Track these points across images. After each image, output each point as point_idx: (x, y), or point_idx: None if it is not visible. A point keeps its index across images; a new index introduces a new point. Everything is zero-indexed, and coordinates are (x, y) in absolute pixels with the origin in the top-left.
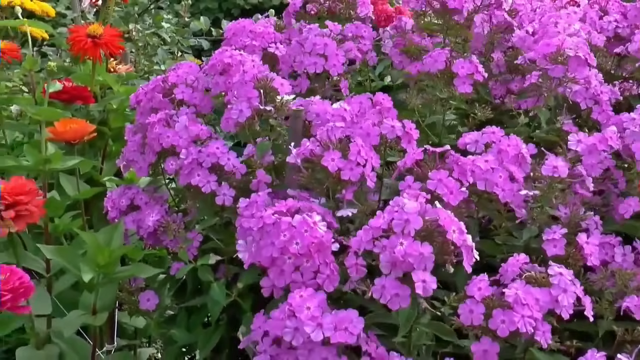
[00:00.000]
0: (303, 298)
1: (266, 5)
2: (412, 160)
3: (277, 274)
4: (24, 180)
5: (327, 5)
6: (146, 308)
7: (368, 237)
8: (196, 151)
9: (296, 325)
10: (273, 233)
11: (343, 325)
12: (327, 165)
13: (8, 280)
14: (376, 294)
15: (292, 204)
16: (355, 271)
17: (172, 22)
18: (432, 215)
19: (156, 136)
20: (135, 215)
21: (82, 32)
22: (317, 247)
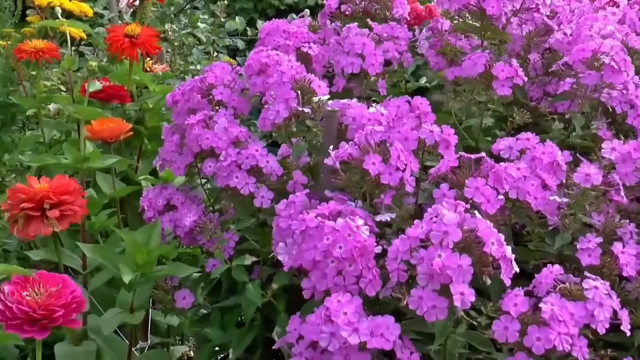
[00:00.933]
0: (340, 303)
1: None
2: (447, 167)
3: (319, 277)
4: (67, 179)
5: (362, 6)
6: (181, 306)
7: (405, 247)
8: (235, 153)
9: (332, 331)
10: (316, 236)
11: (379, 331)
12: (368, 169)
13: (60, 293)
14: (412, 305)
15: (333, 207)
16: (397, 276)
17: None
18: (471, 225)
19: (195, 137)
20: (172, 214)
21: (119, 32)
22: (360, 251)
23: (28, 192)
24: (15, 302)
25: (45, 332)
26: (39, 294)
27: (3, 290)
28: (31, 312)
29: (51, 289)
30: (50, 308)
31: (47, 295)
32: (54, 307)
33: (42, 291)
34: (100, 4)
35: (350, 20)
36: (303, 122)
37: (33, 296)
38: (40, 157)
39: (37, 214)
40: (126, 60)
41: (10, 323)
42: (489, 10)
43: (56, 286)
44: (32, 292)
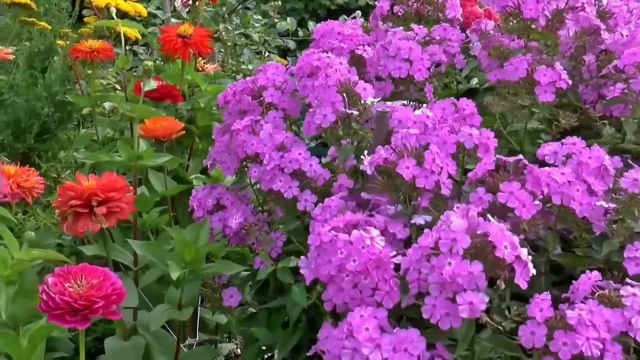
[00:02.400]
0: (363, 318)
1: (352, 6)
2: (483, 170)
3: (336, 291)
4: (115, 176)
5: (414, 8)
6: (229, 305)
7: (417, 256)
8: (278, 157)
9: (355, 346)
10: (330, 251)
11: (403, 346)
12: (401, 173)
13: (101, 285)
14: (426, 314)
15: (350, 218)
16: (417, 286)
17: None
18: (485, 229)
19: (240, 143)
20: (221, 214)
21: (172, 32)
22: (375, 263)
23: (77, 189)
24: (58, 293)
25: (86, 323)
26: (81, 286)
27: (47, 282)
28: (72, 303)
29: (92, 281)
30: (91, 299)
31: (88, 287)
32: (95, 298)
33: (83, 283)
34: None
35: (402, 22)
36: (349, 125)
37: (75, 287)
38: (94, 155)
39: (85, 210)
40: (179, 60)
41: (53, 313)
42: (527, 13)
43: (97, 278)
44: (74, 284)
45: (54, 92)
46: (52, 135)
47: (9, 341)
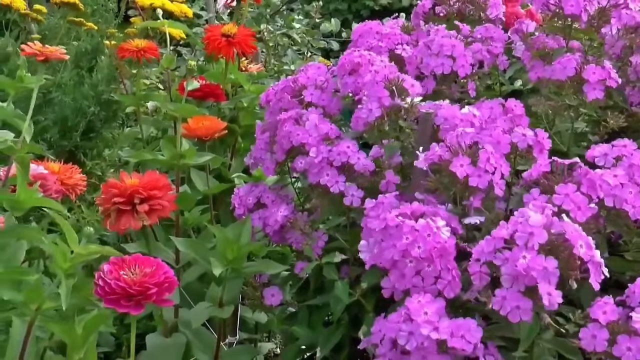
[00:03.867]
0: (421, 303)
1: (395, 7)
2: (539, 172)
3: (398, 277)
4: (157, 175)
5: (456, 7)
6: (270, 303)
7: (490, 248)
8: (326, 150)
9: (411, 329)
10: (395, 235)
11: (460, 332)
12: (455, 171)
13: (154, 273)
14: (496, 306)
15: (416, 208)
16: (478, 279)
17: (303, 23)
18: (558, 229)
19: (286, 134)
20: (262, 212)
21: (217, 31)
22: (440, 252)
23: (119, 187)
24: (114, 279)
25: (139, 308)
26: (135, 274)
27: (102, 269)
28: (127, 288)
29: (146, 269)
30: (145, 285)
31: (142, 274)
32: (148, 285)
33: (137, 271)
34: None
35: (444, 21)
36: (396, 122)
37: (129, 275)
38: (138, 153)
39: (127, 208)
40: (222, 60)
41: (108, 298)
42: (568, 9)
43: (150, 267)
44: (129, 272)
45: (99, 91)
46: (97, 134)
47: (66, 329)
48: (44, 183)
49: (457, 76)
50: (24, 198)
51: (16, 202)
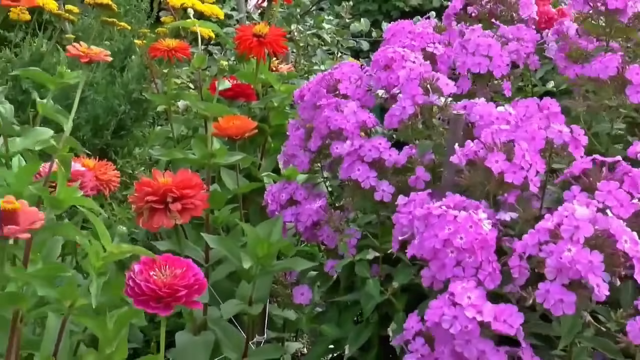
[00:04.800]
0: (465, 288)
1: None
2: (580, 168)
3: (439, 267)
4: (190, 174)
5: (488, 8)
6: (299, 302)
7: (534, 241)
8: (358, 143)
9: (455, 314)
10: (437, 225)
11: (502, 317)
12: (490, 167)
13: (184, 275)
14: (539, 298)
15: (459, 200)
16: (518, 273)
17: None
18: (603, 225)
19: (324, 119)
20: (295, 209)
21: (248, 31)
22: (481, 243)
23: (153, 185)
24: (143, 280)
25: (168, 310)
26: (165, 275)
27: (133, 269)
28: (157, 290)
29: (176, 270)
30: (175, 287)
31: (172, 276)
32: (178, 287)
33: (167, 272)
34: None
35: (475, 22)
36: (429, 120)
37: (159, 276)
38: (169, 152)
39: (160, 206)
40: (253, 60)
41: (138, 299)
42: (611, 3)
43: (181, 269)
44: (159, 273)
45: (130, 90)
46: (128, 132)
47: (98, 323)
48: (81, 180)
49: (492, 76)
50: (63, 197)
51: (56, 200)
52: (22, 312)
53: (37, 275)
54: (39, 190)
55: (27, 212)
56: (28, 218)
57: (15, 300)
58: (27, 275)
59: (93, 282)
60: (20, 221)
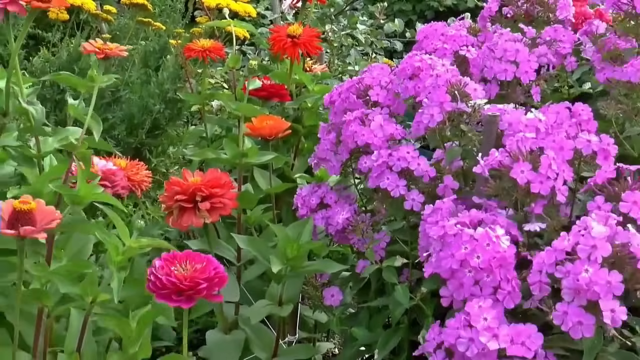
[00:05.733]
0: (481, 308)
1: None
2: (603, 178)
3: (456, 286)
4: (219, 173)
5: (524, 9)
6: (330, 303)
7: (551, 260)
8: (386, 154)
9: (471, 336)
10: (454, 244)
11: (520, 339)
12: (515, 177)
13: (205, 269)
14: (557, 320)
15: (475, 215)
16: (538, 289)
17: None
18: (623, 239)
19: (351, 134)
20: (325, 212)
21: (282, 32)
22: (499, 262)
23: (182, 184)
24: (165, 275)
25: (190, 302)
26: (185, 269)
27: (154, 265)
28: (178, 283)
29: (196, 265)
30: (195, 280)
31: (192, 270)
32: (199, 280)
33: (188, 267)
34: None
35: (511, 23)
36: (458, 127)
37: (180, 270)
38: (202, 152)
39: (189, 205)
40: (287, 60)
41: (160, 293)
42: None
43: (201, 263)
44: (180, 267)
45: (165, 90)
46: (162, 131)
47: (121, 323)
48: (112, 179)
49: (521, 81)
50: (83, 193)
51: (76, 197)
52: (47, 308)
53: (58, 272)
54: (59, 187)
55: (44, 212)
56: (45, 217)
57: (39, 297)
58: (49, 272)
59: (114, 277)
60: (37, 221)
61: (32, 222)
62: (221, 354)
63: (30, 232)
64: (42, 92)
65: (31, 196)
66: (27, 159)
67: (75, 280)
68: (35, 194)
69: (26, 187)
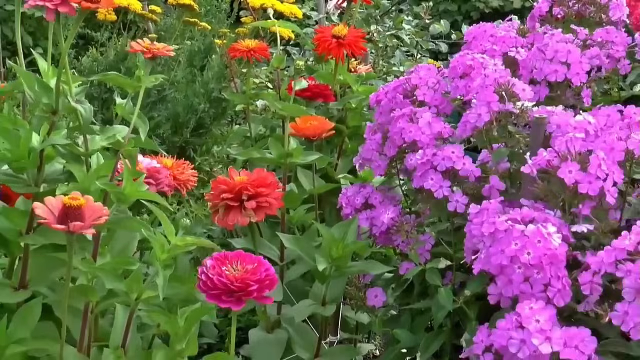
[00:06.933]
0: (533, 310)
1: (507, 9)
2: None
3: (505, 283)
4: (265, 173)
5: (575, 9)
6: (373, 304)
7: (610, 259)
8: (431, 153)
9: (523, 337)
10: (504, 240)
11: (573, 343)
12: (563, 177)
13: (256, 270)
14: (616, 320)
15: (526, 213)
16: (589, 290)
17: (412, 24)
18: None
19: (399, 130)
20: (370, 213)
21: (327, 32)
22: (550, 259)
23: (228, 183)
24: (216, 275)
25: (240, 304)
26: (236, 270)
27: (205, 264)
28: (229, 284)
29: (247, 266)
30: (246, 282)
31: (243, 271)
32: (249, 282)
33: (239, 267)
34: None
35: (561, 24)
36: (505, 128)
37: (231, 271)
38: (247, 151)
39: (235, 204)
40: (332, 60)
41: (210, 293)
42: None
43: (252, 264)
44: (230, 268)
45: (210, 89)
46: (206, 130)
47: (169, 320)
48: (157, 177)
49: (572, 83)
50: (129, 191)
51: (122, 194)
52: (92, 304)
53: (104, 268)
54: (106, 185)
55: (92, 208)
56: (93, 214)
57: (86, 293)
58: (96, 268)
59: (159, 275)
60: (86, 217)
61: (81, 218)
62: (263, 352)
63: (79, 228)
64: (90, 90)
65: (79, 193)
66: (75, 157)
67: (121, 277)
68: (82, 191)
69: (74, 185)
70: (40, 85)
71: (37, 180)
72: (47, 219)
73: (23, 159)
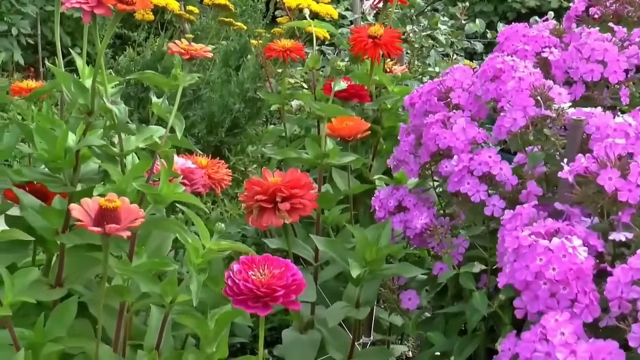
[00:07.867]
0: (558, 322)
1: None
2: None
3: (531, 298)
4: (299, 173)
5: (612, 9)
6: (407, 307)
7: (627, 279)
8: (467, 158)
9: (548, 350)
10: (528, 256)
11: (600, 357)
12: (603, 184)
13: (282, 275)
14: (633, 342)
15: (550, 225)
16: (617, 306)
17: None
18: None
19: (433, 136)
20: (403, 215)
21: (363, 32)
22: (576, 274)
23: (262, 184)
24: (242, 280)
25: (267, 309)
26: (263, 274)
27: (232, 269)
28: (255, 290)
29: (274, 270)
30: (272, 287)
31: (270, 276)
32: (276, 287)
33: (266, 272)
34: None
35: (598, 24)
36: (541, 131)
37: (258, 276)
38: (283, 151)
39: (269, 206)
40: (367, 61)
41: (237, 298)
42: None
43: (279, 269)
44: (257, 272)
45: (245, 89)
46: (241, 130)
47: (199, 323)
48: (192, 177)
49: (609, 82)
50: (166, 192)
51: (159, 196)
52: (128, 303)
53: (139, 271)
54: (143, 186)
55: (128, 210)
56: (129, 215)
57: (121, 293)
58: (130, 270)
59: (193, 280)
60: (122, 219)
61: (117, 220)
62: (297, 353)
63: (115, 230)
64: (126, 90)
65: (115, 194)
66: (110, 157)
67: (156, 279)
68: (118, 192)
69: (110, 185)
70: (76, 86)
71: (73, 180)
72: (83, 221)
73: (59, 159)
